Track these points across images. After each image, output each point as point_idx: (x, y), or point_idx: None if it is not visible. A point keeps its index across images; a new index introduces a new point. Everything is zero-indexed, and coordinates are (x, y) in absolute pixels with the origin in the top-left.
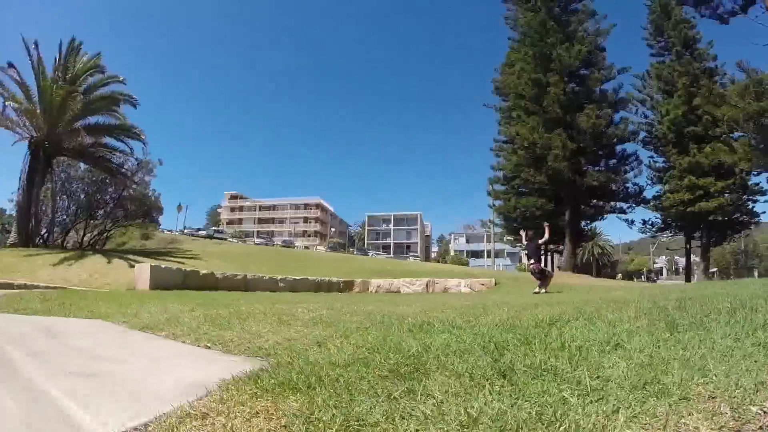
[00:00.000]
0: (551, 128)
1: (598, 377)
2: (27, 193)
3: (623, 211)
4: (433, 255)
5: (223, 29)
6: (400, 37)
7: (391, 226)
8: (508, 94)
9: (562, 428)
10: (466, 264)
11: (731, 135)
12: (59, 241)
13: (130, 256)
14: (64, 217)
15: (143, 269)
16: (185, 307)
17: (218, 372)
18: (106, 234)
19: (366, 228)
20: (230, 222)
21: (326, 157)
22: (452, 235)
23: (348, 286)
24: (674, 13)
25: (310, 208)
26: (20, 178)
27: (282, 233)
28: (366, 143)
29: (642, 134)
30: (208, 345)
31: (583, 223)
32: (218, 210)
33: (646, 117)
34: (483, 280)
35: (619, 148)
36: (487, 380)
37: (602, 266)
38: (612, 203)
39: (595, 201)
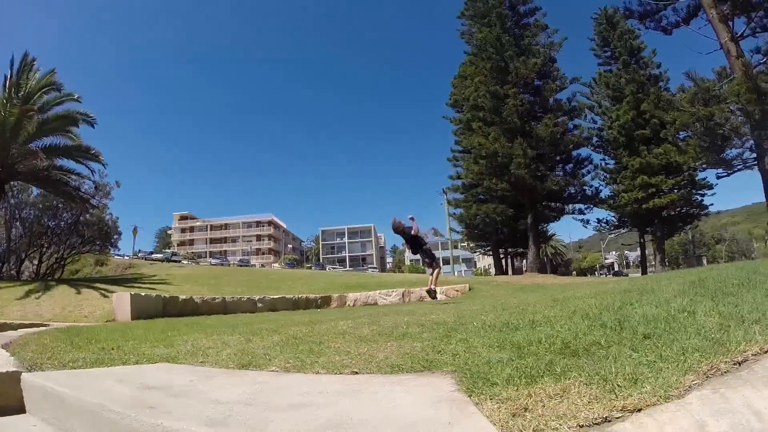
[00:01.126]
0: (511, 138)
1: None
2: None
3: (582, 212)
4: (388, 266)
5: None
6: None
7: (346, 239)
8: (464, 105)
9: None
10: (423, 272)
11: (678, 136)
12: (14, 271)
13: (99, 285)
14: (17, 245)
15: (122, 298)
16: (230, 336)
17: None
18: (62, 262)
19: (320, 242)
20: (181, 243)
21: (275, 174)
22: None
23: (326, 301)
24: (619, 25)
25: (263, 226)
26: None
27: (235, 252)
28: (313, 158)
29: (594, 139)
30: (356, 371)
31: (540, 225)
32: (168, 232)
33: (595, 122)
34: (458, 287)
35: (574, 153)
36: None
37: (556, 265)
38: (571, 205)
39: (555, 204)
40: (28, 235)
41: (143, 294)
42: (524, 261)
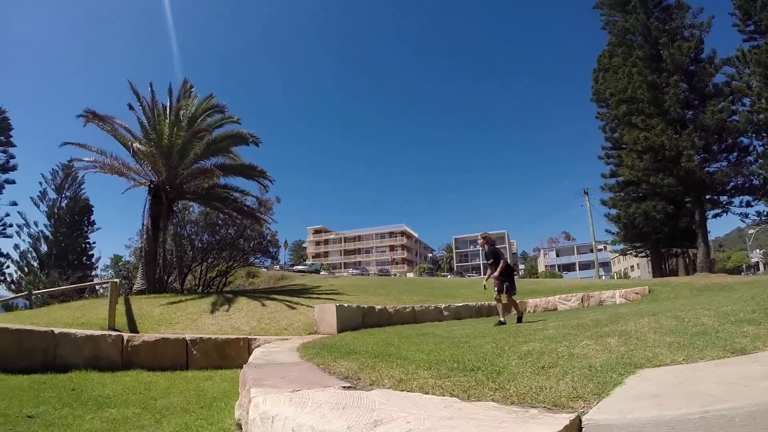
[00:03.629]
0: (675, 129)
1: None
2: (153, 238)
3: (749, 204)
4: (521, 272)
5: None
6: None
7: (479, 246)
8: (611, 100)
9: None
10: (560, 278)
11: None
12: (177, 284)
13: (277, 297)
14: (182, 260)
15: (326, 310)
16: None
17: None
18: (224, 275)
19: (454, 251)
20: (316, 255)
21: (403, 185)
22: (542, 251)
23: (505, 308)
24: None
25: (395, 236)
26: (143, 224)
27: (369, 263)
28: (440, 167)
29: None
30: None
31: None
32: (303, 245)
33: (744, 104)
34: (637, 290)
35: (739, 140)
36: None
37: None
38: (739, 197)
39: (720, 198)
40: (190, 250)
41: (346, 306)
42: (676, 261)
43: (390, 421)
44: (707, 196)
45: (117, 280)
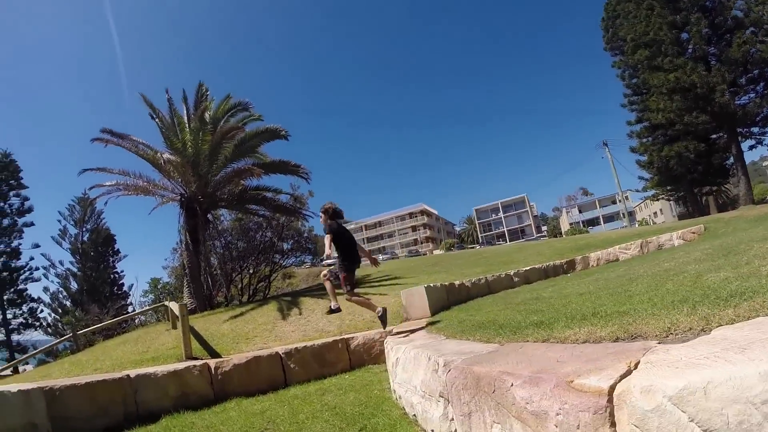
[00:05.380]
0: (704, 66)
1: None
2: (194, 253)
3: None
4: (543, 233)
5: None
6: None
7: (501, 214)
8: (627, 45)
9: None
10: (587, 233)
11: None
12: (222, 297)
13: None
14: (226, 271)
15: (415, 294)
16: None
17: None
18: (268, 280)
19: (476, 221)
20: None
21: (412, 163)
22: (563, 209)
23: (570, 265)
24: None
25: (415, 216)
26: (179, 241)
27: (393, 247)
28: (450, 137)
29: None
30: None
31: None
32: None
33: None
34: (693, 229)
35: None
36: None
37: (722, 204)
38: None
39: (754, 129)
40: (230, 260)
41: (432, 286)
42: (706, 200)
43: None
44: (740, 129)
45: (186, 301)
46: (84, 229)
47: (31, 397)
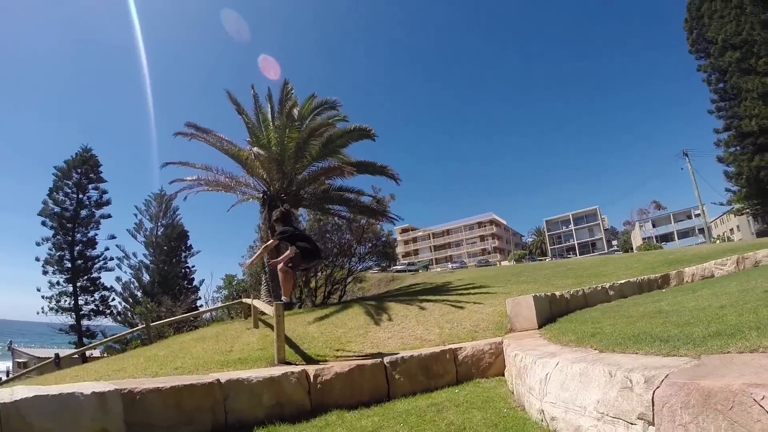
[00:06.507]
0: None
1: None
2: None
3: None
4: (613, 247)
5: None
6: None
7: (572, 226)
8: (714, 47)
9: None
10: (660, 248)
11: None
12: (296, 297)
13: (429, 298)
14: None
15: (521, 303)
16: None
17: None
18: (344, 283)
19: (546, 233)
20: (406, 254)
21: (482, 172)
22: (636, 223)
23: (665, 280)
24: None
25: (484, 226)
26: (261, 238)
27: (460, 256)
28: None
29: None
30: None
31: None
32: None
33: None
34: None
35: None
36: None
37: None
38: None
39: None
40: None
41: (538, 296)
42: None
43: None
44: None
45: (264, 299)
46: (159, 223)
47: (107, 401)
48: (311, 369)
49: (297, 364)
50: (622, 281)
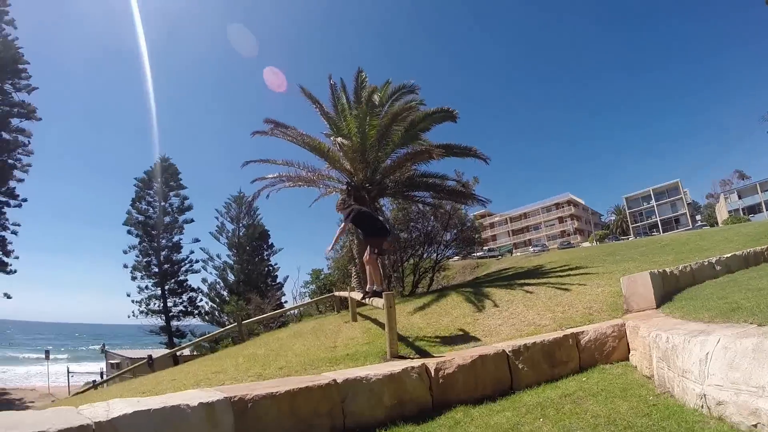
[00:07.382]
0: None
1: None
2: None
3: None
4: (698, 222)
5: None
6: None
7: (653, 202)
8: None
9: None
10: (748, 221)
11: None
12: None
13: (529, 281)
14: (390, 261)
15: (637, 281)
16: None
17: None
18: (432, 271)
19: (626, 211)
20: (484, 240)
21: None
22: (721, 195)
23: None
24: None
25: (562, 207)
26: (348, 230)
27: (539, 239)
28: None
29: None
30: None
31: None
32: None
33: None
34: None
35: None
36: None
37: None
38: None
39: None
40: (398, 251)
41: (653, 272)
42: None
43: None
44: None
45: (376, 288)
46: (240, 225)
47: (216, 412)
48: (431, 362)
49: (412, 358)
50: (728, 255)
